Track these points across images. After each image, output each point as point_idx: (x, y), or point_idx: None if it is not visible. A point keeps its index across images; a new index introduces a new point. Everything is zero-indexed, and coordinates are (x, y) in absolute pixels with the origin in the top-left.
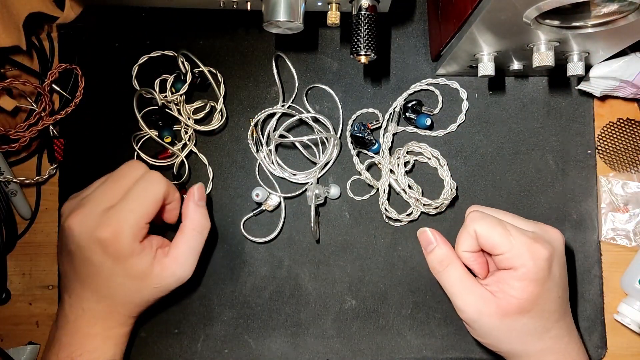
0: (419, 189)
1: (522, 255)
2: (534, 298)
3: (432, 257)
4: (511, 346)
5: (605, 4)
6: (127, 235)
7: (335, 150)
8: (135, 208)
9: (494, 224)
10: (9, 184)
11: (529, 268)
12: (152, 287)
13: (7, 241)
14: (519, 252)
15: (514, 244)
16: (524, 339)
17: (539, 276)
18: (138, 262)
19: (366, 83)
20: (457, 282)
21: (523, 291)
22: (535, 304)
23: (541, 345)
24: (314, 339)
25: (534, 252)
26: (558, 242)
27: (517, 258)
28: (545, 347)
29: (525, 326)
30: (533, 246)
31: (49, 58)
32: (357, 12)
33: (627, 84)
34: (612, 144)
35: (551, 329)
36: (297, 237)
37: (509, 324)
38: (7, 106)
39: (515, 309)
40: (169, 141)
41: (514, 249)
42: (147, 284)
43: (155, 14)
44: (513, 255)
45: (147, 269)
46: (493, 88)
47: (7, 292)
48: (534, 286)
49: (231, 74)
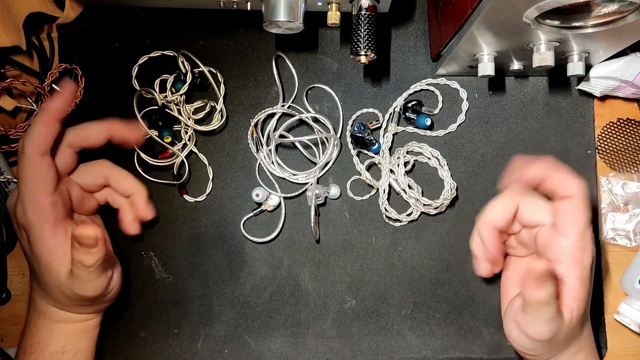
0: (419, 189)
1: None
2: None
3: (545, 292)
4: (555, 352)
5: (605, 4)
6: (27, 206)
7: (335, 150)
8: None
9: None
10: (9, 184)
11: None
12: (73, 293)
13: (7, 241)
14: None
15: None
16: (569, 342)
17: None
18: (56, 267)
19: (366, 83)
20: (553, 314)
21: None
22: None
23: (576, 347)
24: (314, 339)
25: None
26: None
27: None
28: (579, 347)
29: (573, 330)
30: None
31: (49, 58)
32: (357, 12)
33: (627, 84)
34: (612, 144)
35: (585, 329)
36: (297, 237)
37: (569, 333)
38: (7, 106)
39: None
40: (169, 141)
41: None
42: (70, 291)
43: (155, 14)
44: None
45: (64, 277)
46: (493, 88)
47: (7, 292)
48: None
49: (231, 74)
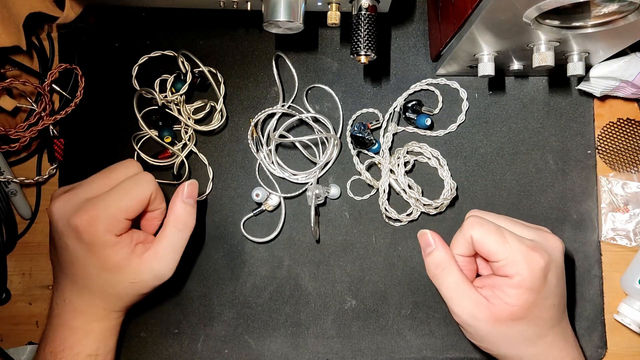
0: (419, 189)
1: (518, 264)
2: (528, 306)
3: (430, 259)
4: (505, 351)
5: (605, 4)
6: (101, 225)
7: (335, 150)
8: (116, 201)
9: (491, 230)
10: (9, 184)
11: (524, 277)
12: (128, 281)
13: (7, 241)
14: (515, 260)
15: (510, 252)
16: (517, 344)
17: (534, 285)
18: (112, 254)
19: (366, 83)
20: (453, 286)
21: (517, 299)
22: (529, 311)
23: (535, 351)
24: (314, 339)
25: (530, 260)
26: (557, 251)
27: (513, 266)
28: (539, 352)
29: (519, 332)
30: (530, 254)
31: (49, 58)
32: (357, 12)
33: (627, 84)
34: (612, 144)
35: (546, 336)
36: (297, 237)
37: (502, 330)
38: (7, 106)
39: (508, 316)
40: (169, 141)
41: (509, 257)
42: (123, 277)
43: (155, 14)
44: (509, 263)
45: (122, 262)
46: (493, 88)
47: (7, 292)
48: (529, 294)
49: (231, 74)
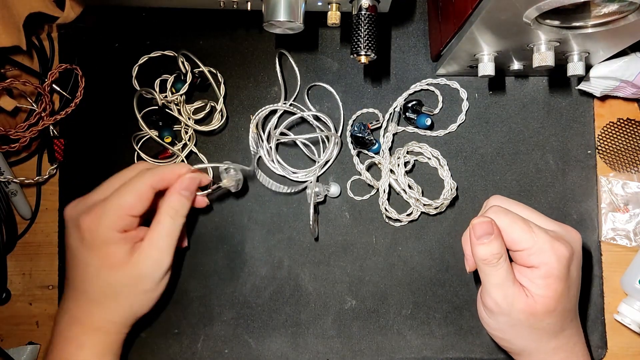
0: (419, 189)
1: (544, 253)
2: (558, 296)
3: (488, 248)
4: (526, 343)
5: (605, 4)
6: (103, 223)
7: (335, 149)
8: (117, 198)
9: (516, 219)
10: (9, 184)
11: (552, 266)
12: (128, 276)
13: (7, 241)
14: (542, 249)
15: (537, 241)
16: (541, 337)
17: (562, 274)
18: (113, 251)
19: (366, 83)
20: (504, 274)
21: (547, 289)
22: (559, 302)
23: (555, 344)
24: (314, 339)
25: (557, 250)
26: (577, 243)
27: (539, 255)
28: (558, 345)
29: (548, 325)
30: (555, 244)
31: (49, 58)
32: (357, 12)
33: (627, 84)
34: (612, 144)
35: (566, 328)
36: (297, 237)
37: (534, 322)
38: (7, 106)
39: (543, 308)
40: (169, 141)
41: (536, 246)
42: (122, 274)
43: (155, 14)
44: (535, 252)
45: (123, 259)
46: (493, 88)
47: (7, 292)
48: (558, 284)
49: (231, 74)
